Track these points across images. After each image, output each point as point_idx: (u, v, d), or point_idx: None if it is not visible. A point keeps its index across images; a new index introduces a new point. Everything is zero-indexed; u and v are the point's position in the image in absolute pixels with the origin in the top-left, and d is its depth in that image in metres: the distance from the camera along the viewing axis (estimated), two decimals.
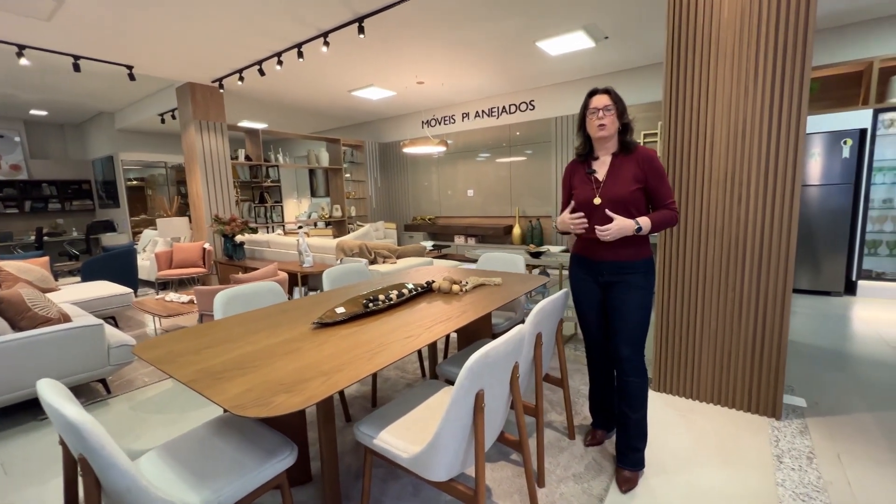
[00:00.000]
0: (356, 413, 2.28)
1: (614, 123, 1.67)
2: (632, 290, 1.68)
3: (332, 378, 1.15)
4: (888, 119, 4.16)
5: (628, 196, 1.65)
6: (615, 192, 1.66)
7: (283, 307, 1.93)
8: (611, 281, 1.73)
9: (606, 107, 1.65)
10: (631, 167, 1.67)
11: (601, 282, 1.76)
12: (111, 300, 3.75)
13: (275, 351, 1.36)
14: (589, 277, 1.79)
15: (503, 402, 1.39)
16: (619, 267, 1.70)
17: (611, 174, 1.70)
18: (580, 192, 1.74)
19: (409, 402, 1.53)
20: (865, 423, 2.06)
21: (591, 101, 1.69)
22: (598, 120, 1.65)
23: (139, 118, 7.01)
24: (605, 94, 1.67)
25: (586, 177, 1.74)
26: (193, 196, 5.71)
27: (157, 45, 4.11)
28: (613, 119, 1.66)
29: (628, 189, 1.65)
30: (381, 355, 1.30)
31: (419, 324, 1.61)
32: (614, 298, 1.72)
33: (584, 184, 1.75)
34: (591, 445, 1.94)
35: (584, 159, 1.79)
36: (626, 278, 1.69)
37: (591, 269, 1.77)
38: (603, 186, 1.69)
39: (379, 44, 4.25)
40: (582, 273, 1.82)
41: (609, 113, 1.65)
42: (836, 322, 3.51)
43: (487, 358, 1.17)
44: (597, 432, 1.97)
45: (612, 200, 1.66)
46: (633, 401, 1.69)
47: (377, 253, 4.01)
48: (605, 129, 1.66)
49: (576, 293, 1.86)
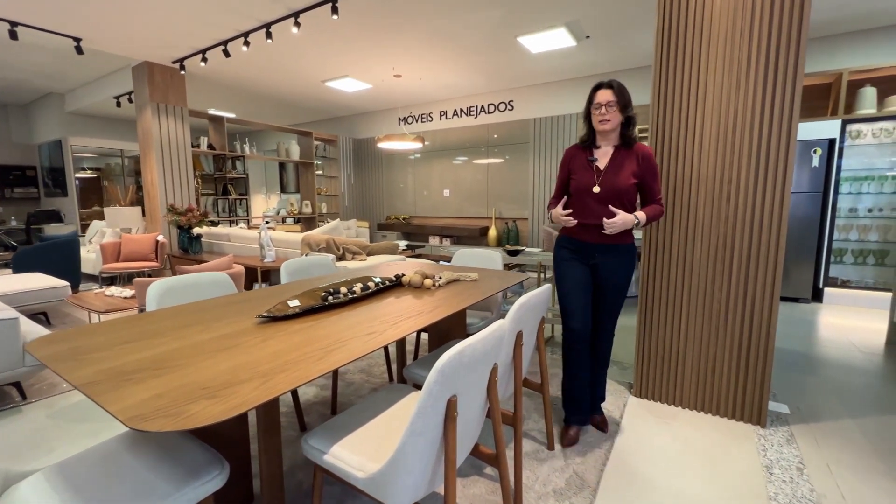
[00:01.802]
0: (313, 421, 2.03)
1: (617, 118, 1.74)
2: (618, 271, 1.83)
3: (270, 381, 0.93)
4: (854, 130, 4.27)
5: (626, 188, 1.74)
6: (615, 183, 1.74)
7: (230, 300, 1.68)
8: (599, 263, 1.83)
9: (609, 103, 1.71)
10: (631, 162, 1.76)
11: (591, 263, 1.85)
12: (43, 294, 3.35)
13: (206, 348, 1.13)
14: (578, 258, 1.87)
15: (479, 409, 1.20)
16: (608, 249, 1.81)
17: (612, 165, 1.78)
18: (580, 178, 1.81)
19: (369, 410, 1.32)
20: (849, 430, 1.99)
21: (595, 97, 1.75)
22: (601, 115, 1.73)
23: (92, 100, 6.50)
24: (609, 89, 1.72)
25: (587, 164, 1.81)
26: (148, 185, 5.29)
27: (109, 15, 3.75)
28: (616, 114, 1.73)
29: (628, 182, 1.74)
30: (336, 354, 1.08)
31: (384, 319, 1.41)
32: (602, 279, 1.85)
33: (584, 170, 1.82)
34: (569, 445, 1.86)
35: (587, 146, 1.85)
36: (613, 261, 1.82)
37: (581, 250, 1.86)
38: (604, 176, 1.77)
39: (354, 30, 4.03)
40: (571, 255, 1.89)
41: (612, 109, 1.72)
42: (807, 328, 3.52)
43: (462, 357, 0.98)
44: (571, 429, 1.90)
45: (610, 190, 1.75)
46: (604, 359, 1.97)
47: (346, 249, 3.76)
48: (608, 123, 1.74)
49: (564, 275, 1.89)
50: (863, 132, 4.26)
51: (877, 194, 4.27)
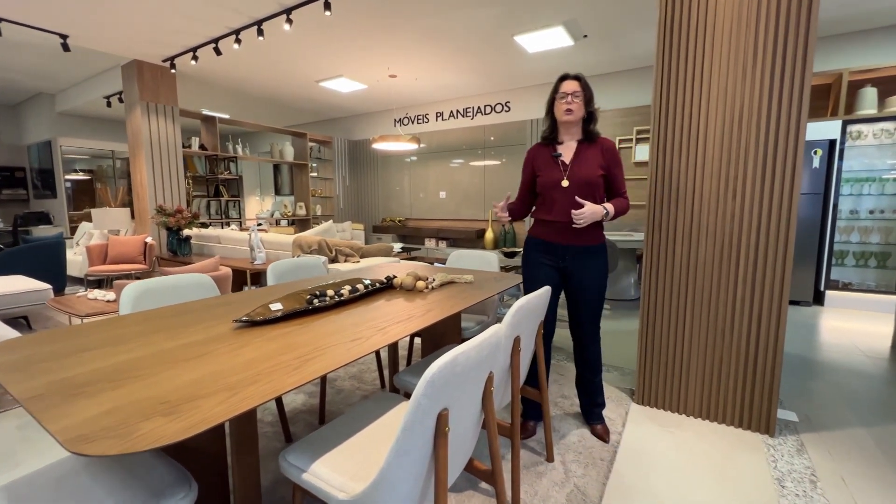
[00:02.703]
0: (299, 431, 1.93)
1: (581, 109, 1.72)
2: (592, 273, 1.78)
3: (238, 394, 0.83)
4: (855, 131, 4.21)
5: (595, 180, 1.72)
6: (583, 175, 1.72)
7: (208, 303, 1.58)
8: (572, 266, 1.78)
9: (575, 92, 1.70)
10: (596, 154, 1.75)
11: (561, 266, 1.80)
12: (23, 297, 3.23)
13: (174, 356, 1.03)
14: (549, 262, 1.81)
15: (473, 422, 1.10)
16: (582, 251, 1.77)
17: (577, 158, 1.76)
18: (547, 175, 1.78)
19: (355, 422, 1.22)
20: (860, 438, 1.90)
21: (561, 86, 1.73)
22: (566, 104, 1.70)
23: (82, 100, 6.38)
24: (576, 80, 1.72)
25: (552, 160, 1.78)
26: (137, 186, 5.17)
27: (96, 11, 3.65)
28: (581, 105, 1.71)
29: (595, 173, 1.72)
30: (315, 363, 0.99)
31: (371, 324, 1.31)
32: (578, 281, 1.79)
33: (550, 166, 1.78)
34: (526, 438, 1.88)
35: (549, 143, 1.83)
36: (587, 262, 1.78)
37: (553, 253, 1.80)
38: (570, 169, 1.75)
39: (347, 28, 3.95)
40: (542, 258, 1.83)
41: (577, 99, 1.70)
42: (810, 331, 3.44)
43: (455, 367, 0.88)
44: (529, 423, 1.92)
45: (579, 183, 1.72)
46: (597, 365, 1.90)
47: (338, 251, 3.66)
48: (572, 113, 1.71)
49: (533, 278, 1.84)
50: (863, 133, 4.20)
51: (878, 196, 4.21)
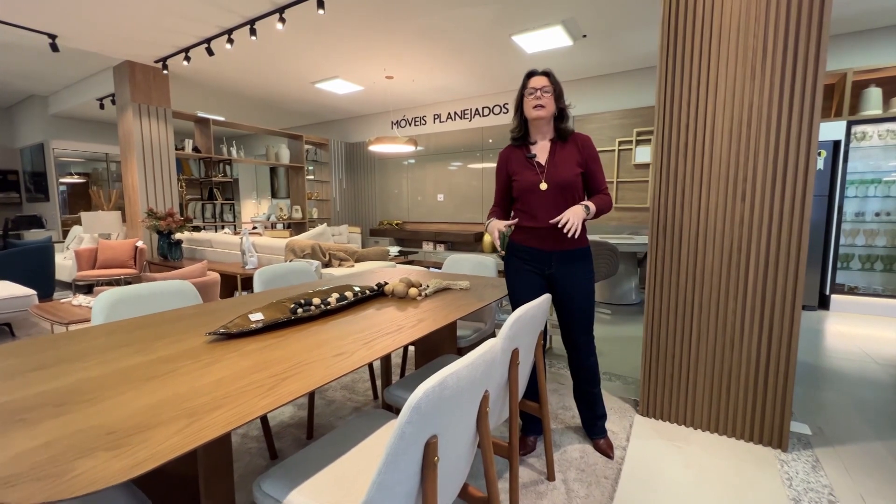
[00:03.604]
0: (286, 448, 1.82)
1: (552, 104, 1.64)
2: (580, 279, 1.69)
3: (198, 422, 0.73)
4: (860, 132, 4.13)
5: (573, 179, 1.64)
6: (561, 176, 1.63)
7: (183, 313, 1.48)
8: (557, 273, 1.69)
9: (544, 87, 1.62)
10: (571, 151, 1.67)
11: (547, 273, 1.70)
12: (4, 304, 3.12)
13: (134, 375, 0.93)
14: (533, 269, 1.72)
15: (466, 446, 1.00)
16: (568, 256, 1.68)
17: (553, 158, 1.67)
18: (523, 178, 1.68)
19: (339, 443, 1.12)
20: (878, 453, 1.81)
21: (529, 82, 1.66)
22: (535, 100, 1.62)
23: (76, 102, 6.29)
24: (544, 75, 1.65)
25: (527, 161, 1.69)
26: (129, 189, 5.07)
27: (86, 10, 3.56)
28: (551, 100, 1.63)
29: (573, 172, 1.64)
30: (291, 382, 0.89)
31: (358, 336, 1.21)
32: (565, 289, 1.70)
33: (525, 169, 1.69)
34: (525, 454, 1.80)
35: (521, 143, 1.74)
36: (573, 268, 1.69)
37: (538, 260, 1.70)
38: (547, 170, 1.65)
39: (341, 27, 3.87)
40: (525, 265, 1.73)
41: (547, 94, 1.62)
42: (817, 337, 3.34)
43: (444, 390, 0.79)
44: (528, 439, 1.84)
45: (558, 184, 1.63)
46: (593, 377, 1.80)
47: (332, 255, 3.56)
48: (542, 109, 1.62)
49: (516, 286, 1.75)
50: (868, 134, 4.12)
51: (884, 198, 4.12)
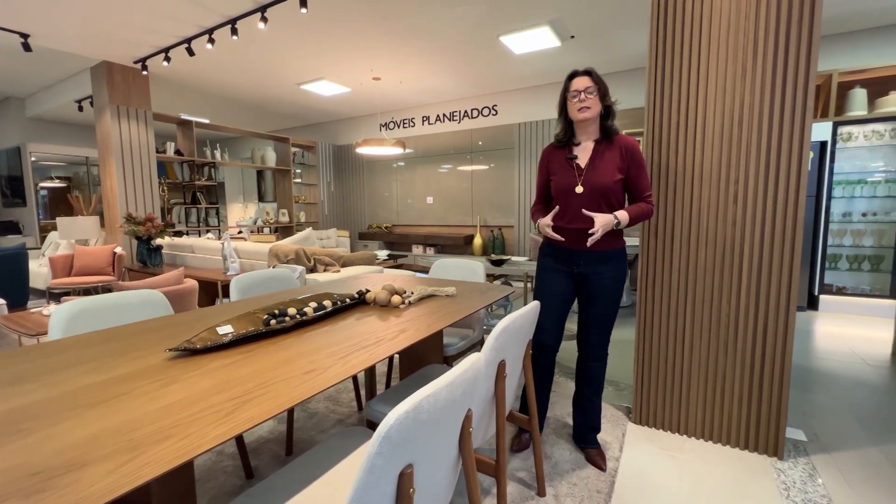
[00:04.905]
0: (263, 466, 1.73)
1: (597, 105, 1.58)
2: (608, 281, 1.65)
3: (138, 458, 0.64)
4: (846, 133, 4.16)
5: (611, 185, 1.58)
6: (598, 181, 1.58)
7: (147, 326, 1.38)
8: (587, 271, 1.66)
9: (588, 89, 1.56)
10: (614, 155, 1.60)
11: (576, 272, 1.69)
12: None
13: (79, 400, 0.84)
14: (563, 267, 1.71)
15: (448, 472, 0.93)
16: (597, 257, 1.64)
17: (593, 161, 1.61)
18: (560, 179, 1.65)
19: (311, 466, 1.03)
20: (874, 459, 1.77)
21: (571, 84, 1.60)
22: (580, 102, 1.57)
23: (53, 105, 6.12)
24: (587, 75, 1.58)
25: (567, 162, 1.65)
26: (107, 193, 4.92)
27: (60, 9, 3.43)
28: (596, 101, 1.57)
29: (612, 178, 1.58)
30: (251, 407, 0.80)
31: (334, 350, 1.13)
32: (591, 288, 1.67)
33: (564, 169, 1.65)
34: (519, 451, 1.82)
35: (565, 145, 1.69)
36: (602, 268, 1.65)
37: (567, 258, 1.69)
38: (586, 174, 1.60)
39: (326, 27, 3.78)
40: (555, 263, 1.72)
41: (591, 95, 1.56)
42: (807, 338, 3.33)
43: (420, 413, 0.71)
44: (523, 436, 1.87)
45: (594, 189, 1.58)
46: (598, 384, 1.77)
47: (317, 260, 3.47)
48: (588, 111, 1.57)
49: (544, 283, 1.74)
50: (854, 134, 4.15)
51: (870, 198, 4.14)
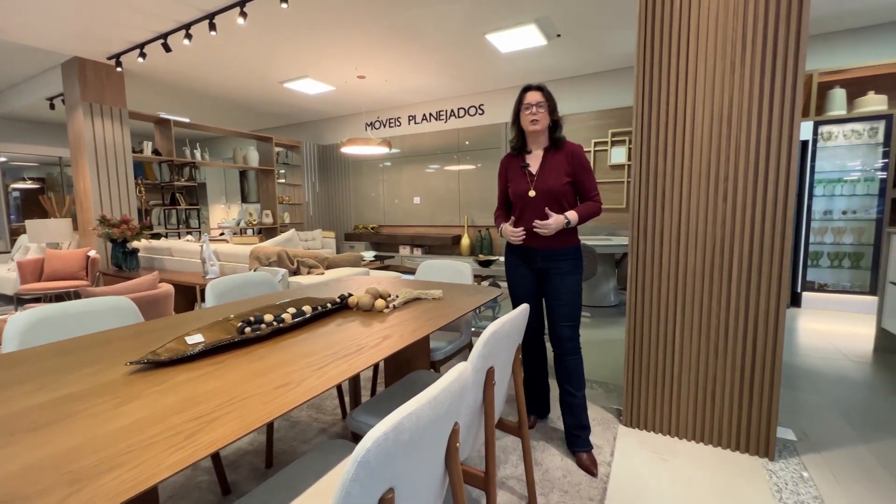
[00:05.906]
0: (241, 481, 1.64)
1: (546, 118, 1.75)
2: (565, 275, 1.79)
3: (82, 491, 0.57)
4: (826, 132, 4.22)
5: (560, 189, 1.74)
6: (549, 185, 1.75)
7: (113, 335, 1.29)
8: (545, 267, 1.81)
9: (539, 103, 1.73)
10: (561, 161, 1.77)
11: (535, 268, 1.84)
12: None
13: (20, 423, 0.75)
14: (524, 263, 1.87)
15: (434, 489, 0.87)
16: (551, 254, 1.79)
17: (543, 168, 1.78)
18: (515, 185, 1.83)
19: (293, 483, 0.96)
20: (864, 459, 1.76)
21: (525, 97, 1.76)
22: (531, 115, 1.73)
23: (23, 103, 5.86)
24: (539, 90, 1.75)
25: (520, 170, 1.82)
26: (80, 194, 4.73)
27: (26, 2, 3.27)
28: (545, 115, 1.74)
29: (560, 182, 1.74)
30: (215, 428, 0.73)
31: (311, 360, 1.06)
32: (551, 284, 1.81)
33: (518, 177, 1.82)
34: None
35: (518, 153, 1.86)
36: (558, 265, 1.79)
37: (525, 255, 1.85)
38: (537, 179, 1.78)
39: (308, 23, 3.69)
40: (517, 260, 1.89)
41: (541, 109, 1.73)
42: (791, 335, 3.36)
43: (400, 434, 0.65)
44: (529, 418, 1.98)
45: (546, 193, 1.75)
46: (577, 378, 1.82)
47: (301, 262, 3.37)
48: (537, 123, 1.74)
49: (512, 279, 1.93)
50: (834, 134, 4.22)
51: (850, 196, 4.22)
